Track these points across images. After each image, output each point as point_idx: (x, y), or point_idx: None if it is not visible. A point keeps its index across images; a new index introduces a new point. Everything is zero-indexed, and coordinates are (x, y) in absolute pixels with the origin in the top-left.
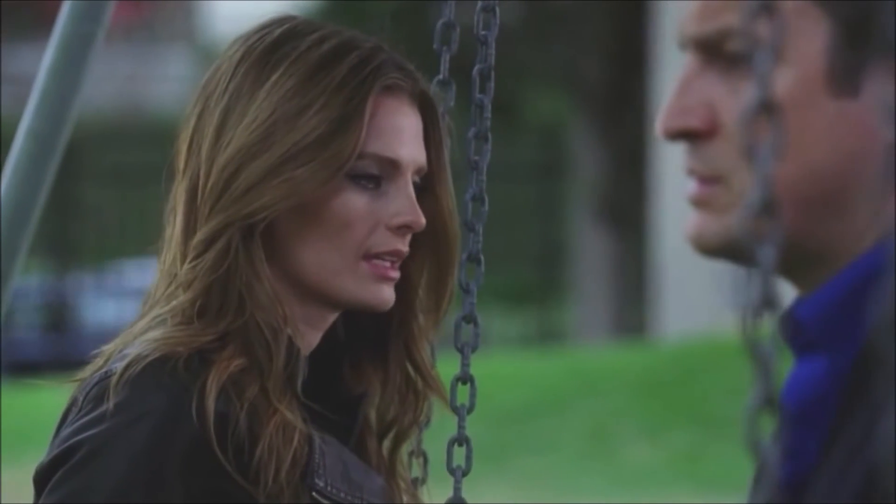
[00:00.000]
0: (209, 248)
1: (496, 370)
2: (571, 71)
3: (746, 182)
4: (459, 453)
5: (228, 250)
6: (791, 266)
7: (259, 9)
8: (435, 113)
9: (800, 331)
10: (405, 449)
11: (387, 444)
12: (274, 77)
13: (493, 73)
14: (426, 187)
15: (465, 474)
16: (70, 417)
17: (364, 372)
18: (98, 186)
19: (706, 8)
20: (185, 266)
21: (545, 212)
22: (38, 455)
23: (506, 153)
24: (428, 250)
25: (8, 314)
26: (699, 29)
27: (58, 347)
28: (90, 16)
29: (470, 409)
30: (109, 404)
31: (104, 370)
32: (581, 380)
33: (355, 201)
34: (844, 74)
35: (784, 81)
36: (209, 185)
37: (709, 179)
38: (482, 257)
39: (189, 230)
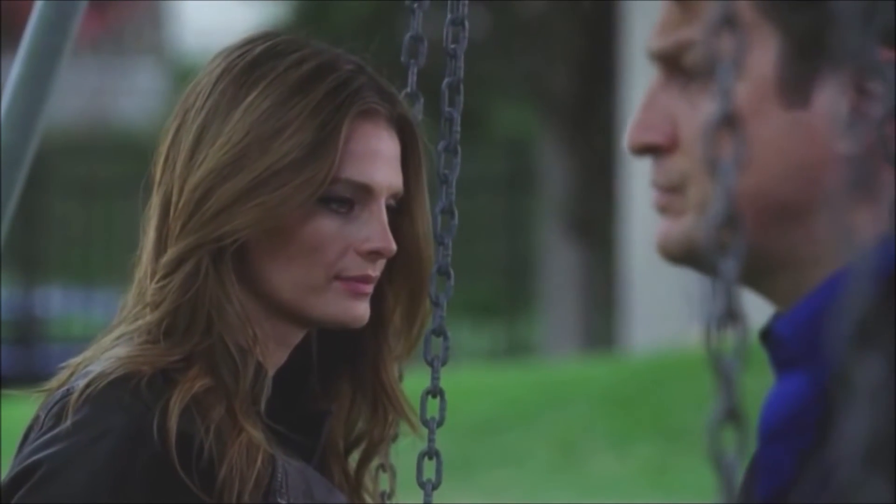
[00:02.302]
0: (177, 269)
1: (464, 383)
2: (538, 83)
3: (701, 192)
4: (430, 466)
5: (198, 273)
6: (755, 277)
7: (228, 22)
8: (414, 136)
9: (779, 347)
10: (373, 464)
11: (355, 457)
12: (250, 97)
13: (462, 87)
14: (403, 210)
15: (435, 488)
16: (32, 435)
17: (339, 387)
18: (65, 200)
19: (667, 22)
20: (153, 285)
21: (513, 225)
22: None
23: (473, 166)
24: (401, 273)
25: None
26: (660, 43)
27: (25, 361)
28: (58, 27)
29: (440, 423)
30: (68, 422)
31: (66, 387)
32: (549, 392)
33: (326, 226)
34: (795, 85)
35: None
36: (181, 203)
37: (667, 189)
38: (451, 271)
39: (160, 247)
